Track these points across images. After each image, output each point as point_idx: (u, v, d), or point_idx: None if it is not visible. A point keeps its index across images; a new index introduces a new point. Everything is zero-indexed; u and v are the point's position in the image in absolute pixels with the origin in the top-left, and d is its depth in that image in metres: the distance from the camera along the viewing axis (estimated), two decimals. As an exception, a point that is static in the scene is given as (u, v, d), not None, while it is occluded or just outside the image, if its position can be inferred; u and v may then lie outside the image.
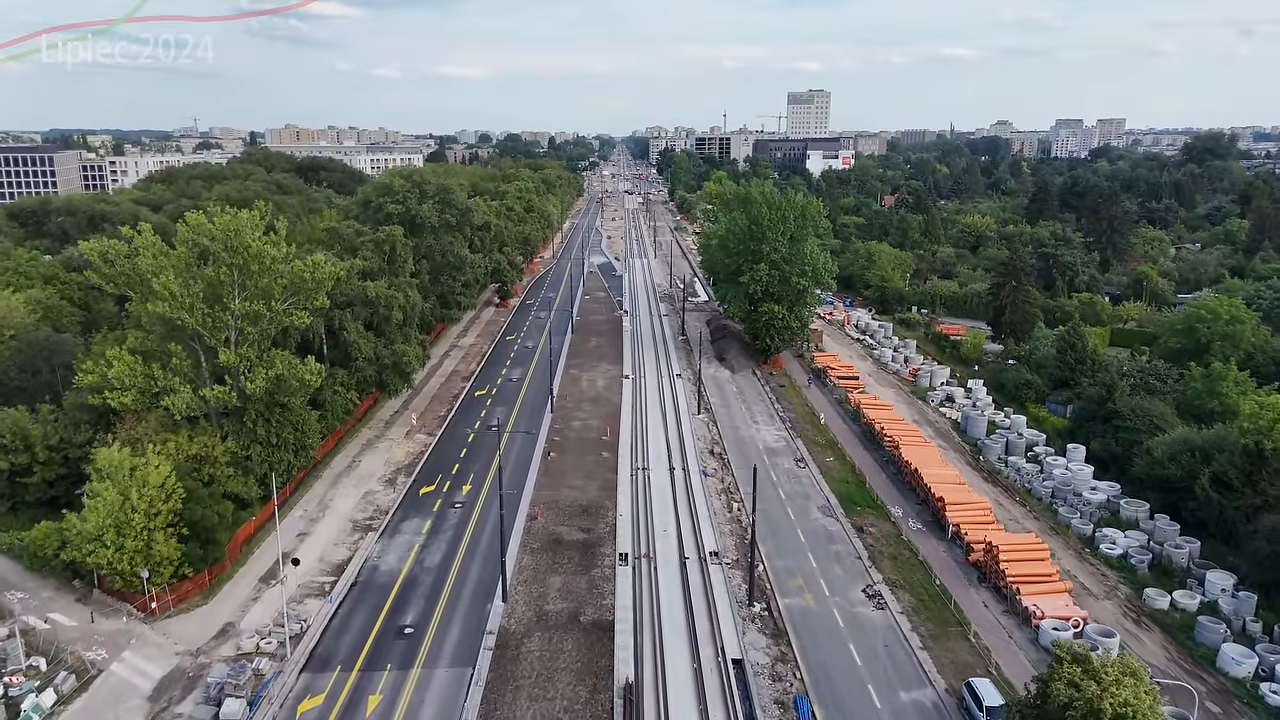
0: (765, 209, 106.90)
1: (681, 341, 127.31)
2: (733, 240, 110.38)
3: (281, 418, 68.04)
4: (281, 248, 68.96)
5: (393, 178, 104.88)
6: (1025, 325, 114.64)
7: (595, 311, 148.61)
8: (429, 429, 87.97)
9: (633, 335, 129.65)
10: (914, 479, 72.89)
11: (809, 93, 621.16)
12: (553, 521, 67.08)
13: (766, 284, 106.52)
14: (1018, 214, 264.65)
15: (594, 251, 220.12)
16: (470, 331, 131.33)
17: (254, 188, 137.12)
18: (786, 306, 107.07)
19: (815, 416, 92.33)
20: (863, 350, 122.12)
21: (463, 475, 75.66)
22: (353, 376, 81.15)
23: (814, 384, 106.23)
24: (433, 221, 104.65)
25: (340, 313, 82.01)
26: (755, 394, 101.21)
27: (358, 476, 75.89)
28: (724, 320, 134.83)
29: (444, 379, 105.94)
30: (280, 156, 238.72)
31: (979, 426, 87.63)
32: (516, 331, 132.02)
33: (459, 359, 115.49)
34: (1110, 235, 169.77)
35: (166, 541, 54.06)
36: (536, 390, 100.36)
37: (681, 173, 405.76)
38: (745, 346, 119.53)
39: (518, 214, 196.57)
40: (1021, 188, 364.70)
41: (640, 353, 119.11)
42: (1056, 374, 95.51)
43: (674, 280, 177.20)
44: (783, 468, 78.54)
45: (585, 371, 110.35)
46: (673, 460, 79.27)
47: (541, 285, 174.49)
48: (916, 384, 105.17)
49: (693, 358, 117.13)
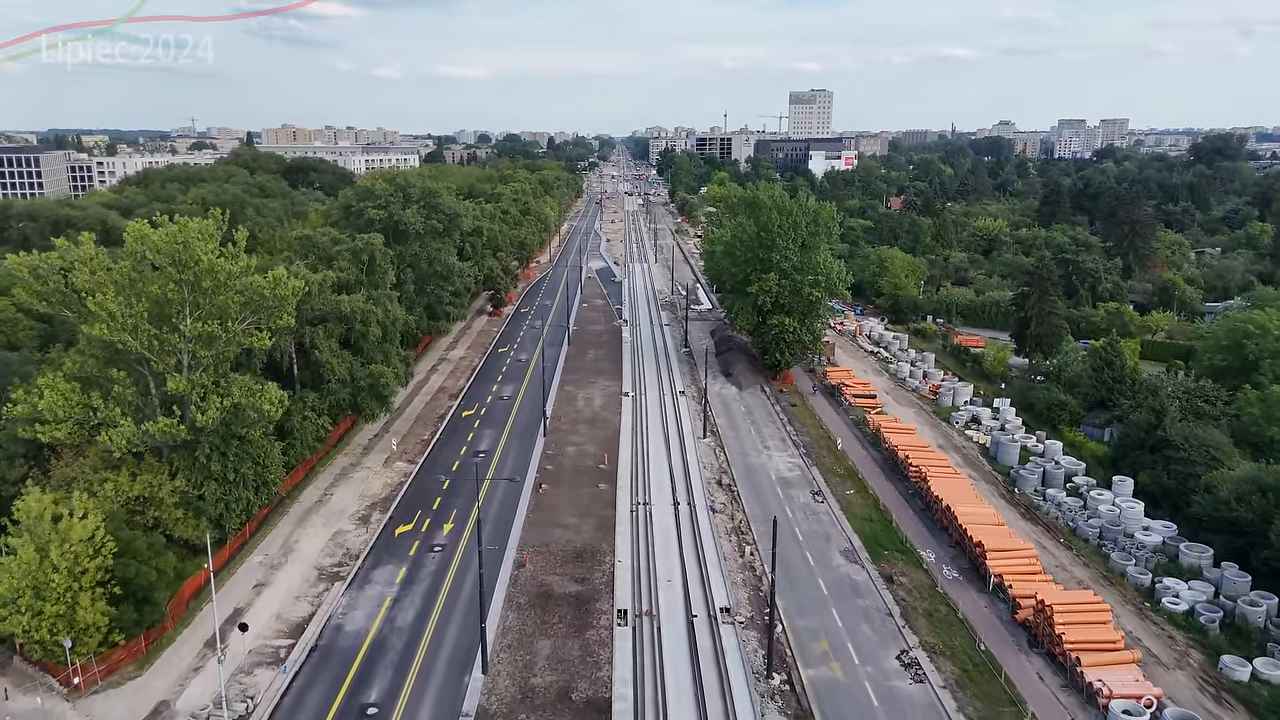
0: (775, 215, 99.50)
1: (685, 354, 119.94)
2: (739, 247, 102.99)
3: (240, 451, 60.74)
4: (240, 260, 61.71)
5: (374, 181, 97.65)
6: (1052, 338, 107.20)
7: (593, 321, 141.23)
8: (410, 456, 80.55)
9: (633, 347, 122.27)
10: (946, 517, 65.49)
11: (811, 92, 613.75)
12: (543, 569, 59.67)
13: (776, 295, 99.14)
14: (1028, 216, 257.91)
15: (592, 256, 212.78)
16: (460, 343, 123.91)
17: (233, 191, 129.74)
18: (798, 319, 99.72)
19: (831, 441, 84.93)
20: (878, 364, 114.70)
21: (444, 512, 68.25)
22: (325, 400, 73.84)
23: (818, 390, 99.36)
24: (417, 227, 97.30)
25: (312, 330, 74.65)
26: (765, 414, 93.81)
27: (328, 513, 68.46)
28: (729, 331, 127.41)
29: (430, 397, 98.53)
30: (269, 157, 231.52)
31: (1011, 453, 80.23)
32: (510, 343, 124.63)
33: (447, 374, 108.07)
34: (1132, 240, 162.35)
35: (94, 605, 46.71)
36: (529, 410, 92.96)
37: (682, 174, 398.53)
38: (752, 360, 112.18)
39: (513, 217, 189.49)
40: (1029, 189, 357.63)
41: (641, 367, 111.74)
42: (1092, 394, 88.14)
43: (675, 287, 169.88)
44: (798, 502, 71.13)
45: (582, 388, 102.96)
46: (677, 493, 71.86)
47: (537, 292, 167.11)
48: (938, 403, 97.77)
49: (697, 373, 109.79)
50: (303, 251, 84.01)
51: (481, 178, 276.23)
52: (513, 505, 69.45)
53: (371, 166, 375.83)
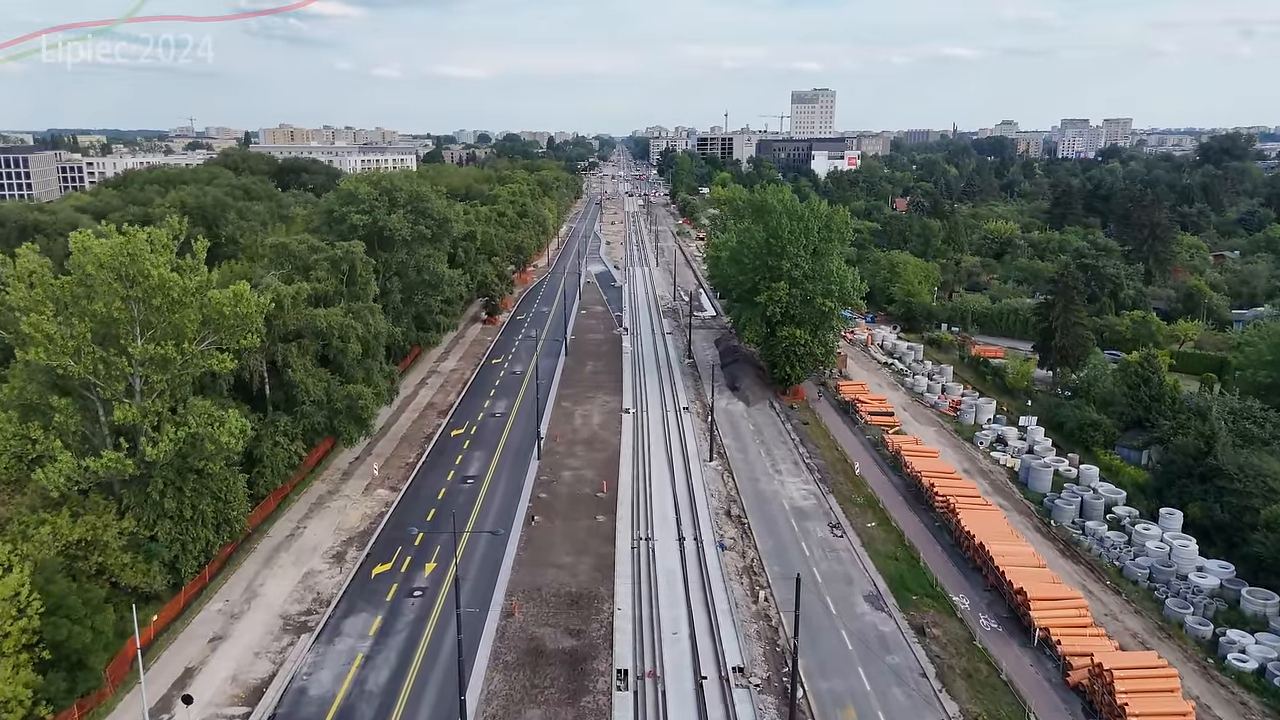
0: (785, 220, 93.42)
1: (688, 365, 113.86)
2: (747, 254, 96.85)
3: (198, 486, 54.74)
4: (199, 274, 55.71)
5: (358, 184, 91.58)
6: (1078, 350, 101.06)
7: (592, 329, 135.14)
8: (393, 482, 74.46)
9: (634, 358, 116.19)
10: (979, 556, 59.41)
11: (813, 91, 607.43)
12: (534, 619, 53.58)
13: (786, 305, 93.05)
14: (1037, 218, 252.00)
15: (592, 259, 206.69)
16: (452, 354, 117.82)
17: (214, 193, 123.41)
18: (809, 331, 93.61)
19: (848, 464, 78.84)
20: (892, 377, 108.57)
21: (427, 548, 62.13)
22: (298, 424, 67.73)
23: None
24: (404, 234, 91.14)
25: (285, 347, 68.58)
26: (775, 433, 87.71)
27: (299, 550, 62.34)
28: (735, 341, 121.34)
29: (417, 414, 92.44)
30: (260, 158, 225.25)
31: (1042, 479, 74.12)
32: (504, 353, 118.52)
33: (436, 388, 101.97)
34: (1152, 244, 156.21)
35: (16, 675, 40.60)
36: (523, 429, 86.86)
37: (683, 174, 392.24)
38: (760, 373, 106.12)
39: (510, 219, 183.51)
40: (1037, 190, 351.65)
41: (642, 379, 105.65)
42: (1127, 413, 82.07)
43: (677, 292, 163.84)
44: (815, 536, 65.03)
45: (580, 404, 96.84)
46: (682, 526, 65.77)
47: (534, 298, 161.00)
48: (959, 421, 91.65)
49: (701, 386, 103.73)
50: (278, 260, 77.92)
51: (480, 178, 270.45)
52: (502, 541, 63.31)
53: (367, 167, 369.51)
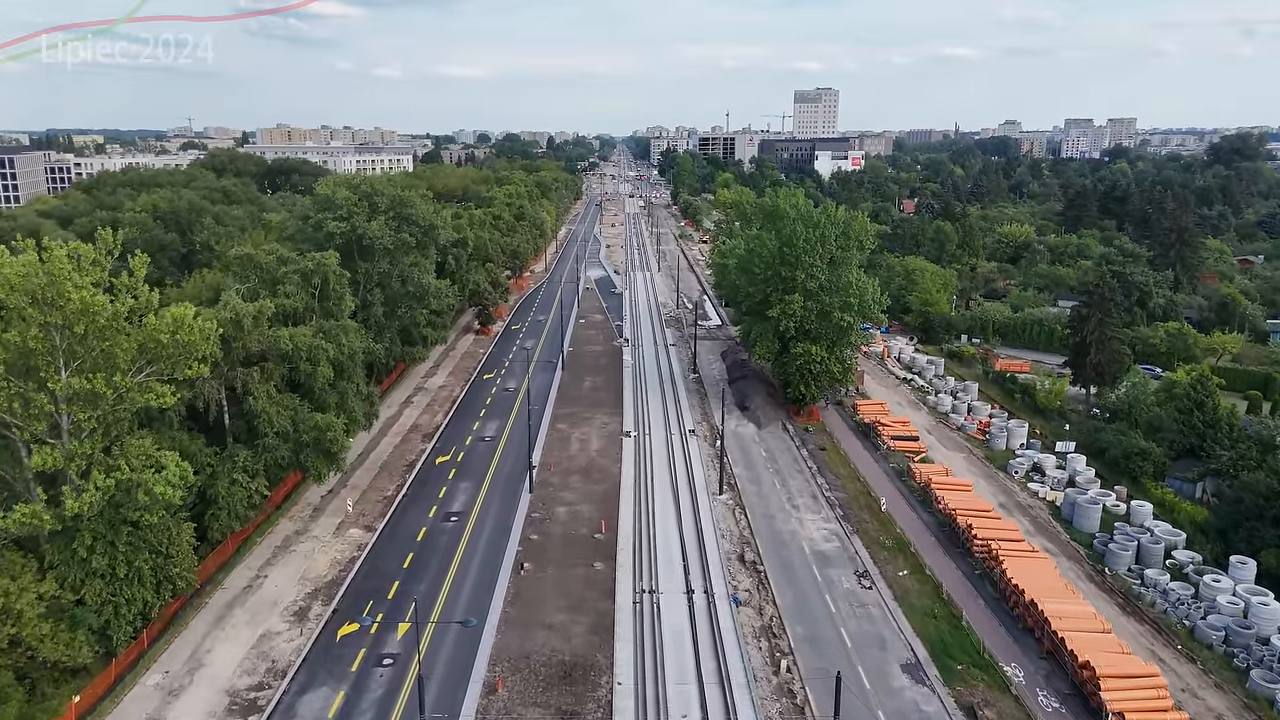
0: (800, 227, 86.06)
1: (693, 381, 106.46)
2: (757, 264, 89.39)
3: (134, 539, 47.53)
4: (135, 294, 48.48)
5: (335, 188, 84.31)
6: (1114, 367, 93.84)
7: (591, 340, 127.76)
8: (369, 519, 67.11)
9: (635, 372, 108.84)
10: (1030, 616, 52.04)
11: (816, 91, 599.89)
12: (520, 697, 46.18)
13: (801, 319, 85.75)
14: (1049, 219, 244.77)
15: (591, 264, 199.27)
16: (441, 368, 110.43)
17: (189, 197, 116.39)
18: (825, 347, 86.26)
19: (872, 499, 71.44)
20: (913, 395, 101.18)
21: (402, 602, 54.79)
22: (259, 459, 60.39)
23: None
24: (385, 242, 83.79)
25: (245, 371, 61.23)
26: (790, 461, 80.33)
27: (257, 605, 54.98)
28: (742, 354, 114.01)
29: (400, 438, 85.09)
30: (248, 158, 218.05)
31: (1090, 517, 66.73)
32: (496, 368, 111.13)
33: (422, 407, 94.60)
34: (1179, 249, 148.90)
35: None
36: (515, 455, 79.51)
37: (685, 175, 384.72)
38: (771, 390, 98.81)
39: (506, 223, 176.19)
40: (1046, 191, 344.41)
41: (644, 397, 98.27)
42: (1179, 440, 74.73)
43: (681, 299, 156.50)
44: (841, 588, 57.64)
45: (577, 426, 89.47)
46: (690, 576, 58.39)
47: (531, 305, 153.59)
48: (989, 445, 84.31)
49: (708, 404, 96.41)
50: (243, 274, 70.61)
51: (477, 179, 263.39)
52: (487, 594, 56.01)
53: (362, 167, 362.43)
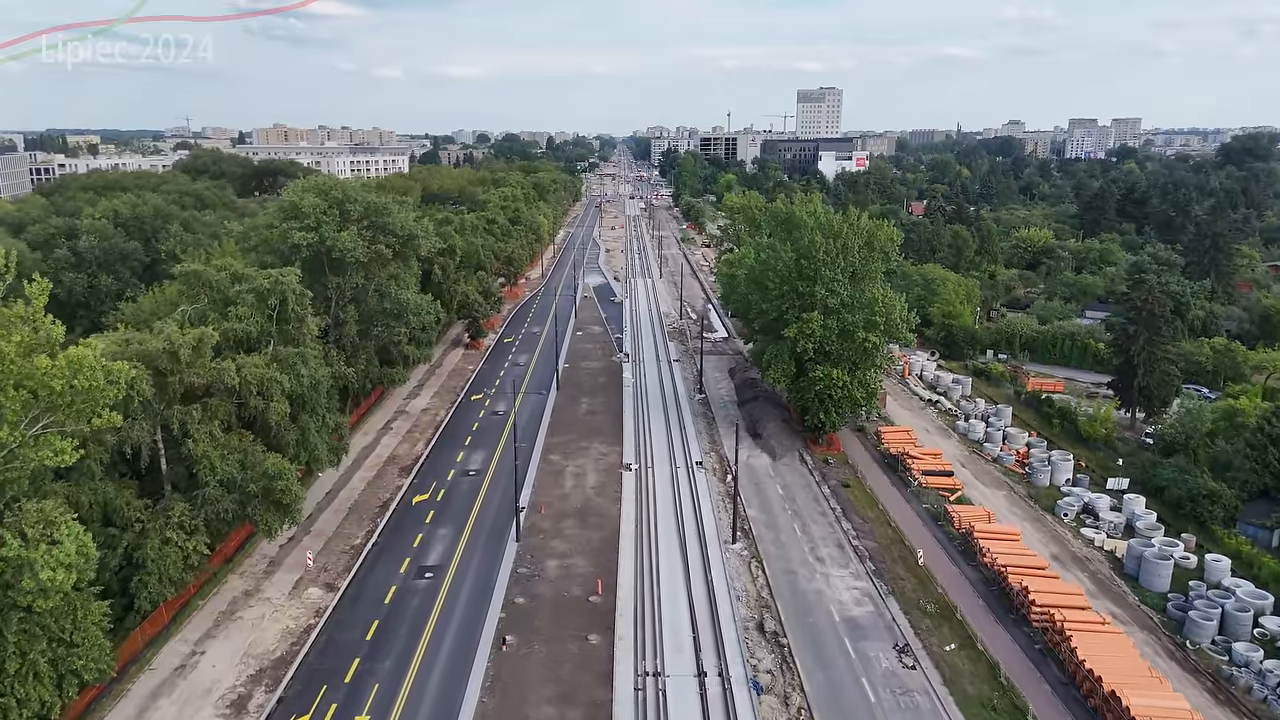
0: (819, 237, 77.46)
1: (700, 402, 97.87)
2: (772, 278, 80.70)
3: (27, 626, 39.01)
4: (40, 328, 40.01)
5: (303, 195, 75.72)
6: (1164, 390, 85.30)
7: (589, 355, 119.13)
8: (332, 575, 58.57)
9: (636, 393, 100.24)
10: (1112, 712, 43.37)
11: (820, 90, 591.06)
12: (496, 826, 37.65)
13: (821, 340, 77.21)
14: (1064, 222, 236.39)
15: (590, 270, 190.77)
16: (426, 388, 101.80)
17: (155, 202, 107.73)
18: (847, 369, 77.70)
19: (907, 549, 62.83)
20: (939, 418, 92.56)
21: (362, 686, 46.26)
22: (199, 512, 51.80)
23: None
24: (358, 254, 75.11)
25: (184, 410, 52.63)
26: (810, 500, 71.70)
27: (188, 694, 46.34)
28: (752, 372, 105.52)
29: (375, 472, 76.50)
30: (233, 159, 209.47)
31: (1159, 574, 58.05)
32: (486, 387, 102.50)
33: (402, 435, 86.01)
34: (1213, 256, 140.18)
35: None
36: (502, 494, 70.91)
37: (687, 176, 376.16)
38: (786, 414, 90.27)
39: (501, 227, 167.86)
40: (1057, 192, 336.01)
41: (646, 422, 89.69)
42: (1252, 480, 66.11)
43: (684, 309, 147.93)
44: (879, 667, 49.01)
45: (571, 457, 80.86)
46: (701, 652, 49.73)
47: (525, 315, 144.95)
48: (1031, 481, 75.68)
49: (716, 431, 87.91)
50: (191, 293, 62.00)
51: (473, 180, 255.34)
52: (461, 676, 47.43)
53: (357, 169, 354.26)
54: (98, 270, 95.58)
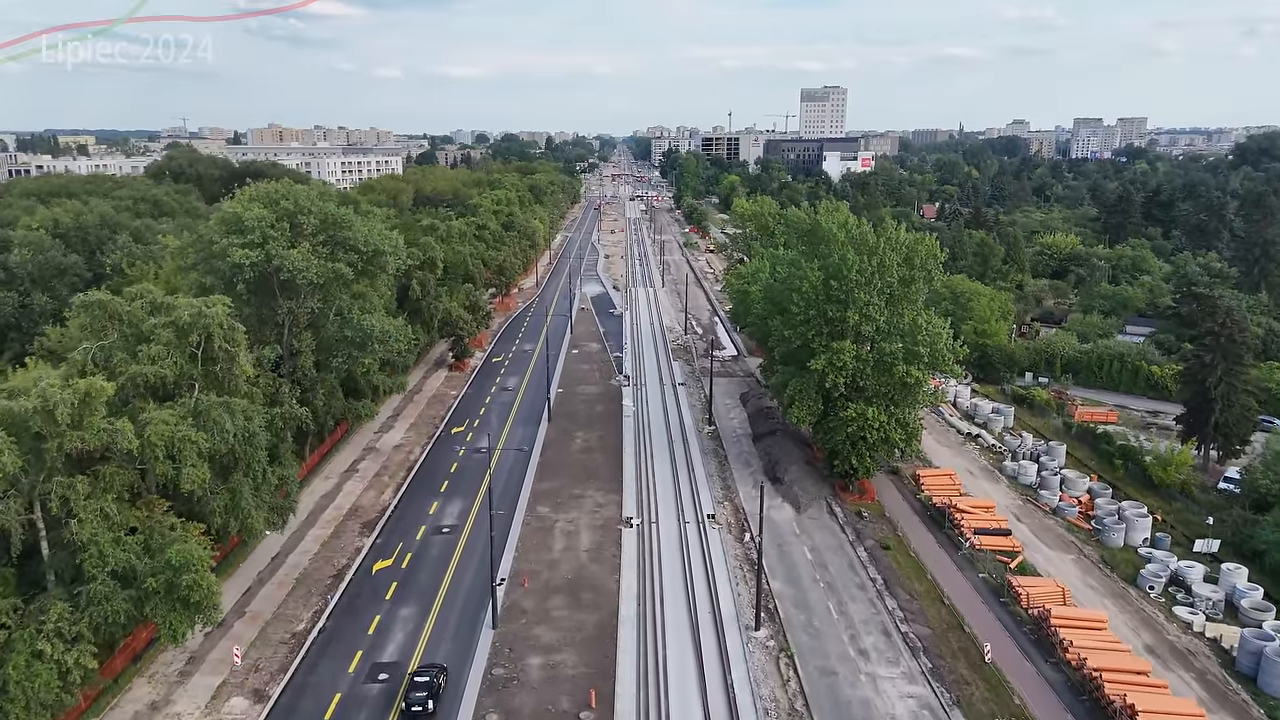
0: (851, 254, 66.33)
1: (709, 435, 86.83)
2: (796, 300, 69.27)
3: None
4: None
5: (248, 205, 64.68)
6: (1243, 427, 74.39)
7: (585, 377, 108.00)
8: (264, 676, 47.51)
9: (637, 424, 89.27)
10: None
11: (824, 89, 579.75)
12: None
13: (854, 373, 66.18)
14: (1083, 225, 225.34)
15: (588, 278, 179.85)
16: (401, 419, 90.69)
17: (102, 209, 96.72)
18: (883, 408, 66.64)
19: (968, 637, 51.69)
20: (984, 457, 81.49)
21: None
22: (82, 615, 40.73)
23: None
24: (311, 275, 63.96)
25: (64, 482, 41.56)
26: (845, 567, 60.59)
27: None
28: (766, 399, 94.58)
29: (332, 528, 65.41)
30: (210, 161, 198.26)
31: (1284, 675, 47.04)
32: (469, 417, 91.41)
33: (369, 479, 74.93)
34: (1264, 265, 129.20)
35: None
36: (479, 559, 59.73)
37: (689, 177, 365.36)
38: (807, 451, 79.30)
39: (493, 233, 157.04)
40: (1073, 194, 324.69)
41: (649, 463, 78.65)
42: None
43: (689, 321, 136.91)
44: (953, 823, 37.93)
45: (563, 509, 69.74)
46: (723, 799, 38.70)
47: (517, 330, 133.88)
48: (1101, 539, 64.50)
49: (730, 474, 76.91)
50: (95, 328, 50.90)
51: (468, 181, 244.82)
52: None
53: (348, 170, 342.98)
54: (31, 288, 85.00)
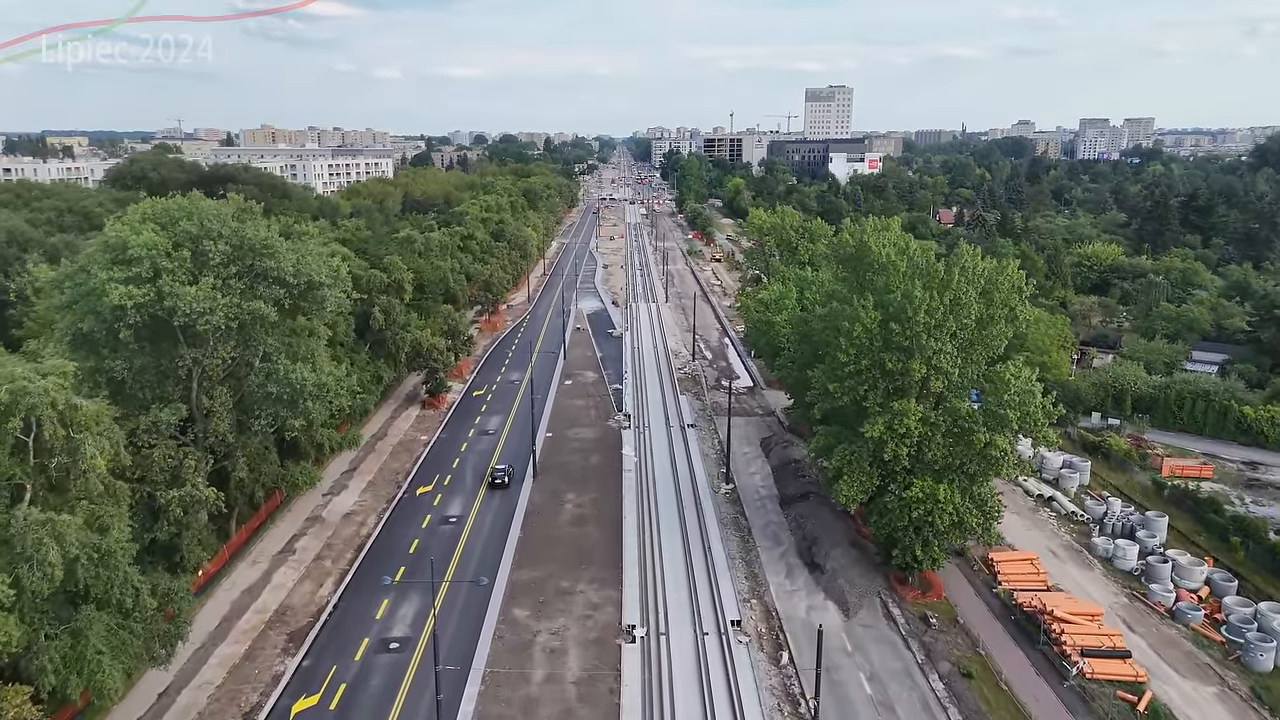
0: (916, 288, 51.46)
1: (728, 498, 72.02)
2: (845, 346, 54.15)
3: None
4: None
5: (136, 228, 49.89)
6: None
7: (579, 417, 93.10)
8: None
9: (640, 481, 74.46)
10: None
11: (829, 89, 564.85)
12: None
13: (920, 442, 51.41)
14: (1112, 232, 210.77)
15: (584, 291, 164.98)
16: (358, 474, 75.76)
17: (13, 224, 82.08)
18: (957, 485, 51.87)
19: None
20: (1064, 529, 66.64)
21: None
22: None
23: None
24: (218, 319, 49.20)
25: None
26: (918, 710, 45.67)
27: None
28: (793, 448, 79.94)
29: (247, 645, 50.46)
30: (176, 164, 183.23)
31: None
32: (439, 472, 76.48)
33: (307, 563, 59.97)
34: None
35: None
36: (432, 697, 44.85)
37: (691, 179, 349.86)
38: (848, 522, 64.51)
39: (481, 243, 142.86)
40: (1095, 198, 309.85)
41: (655, 538, 63.76)
42: None
43: (696, 344, 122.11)
44: None
45: (545, 613, 54.76)
46: None
47: (503, 356, 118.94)
48: (1244, 660, 49.71)
49: (755, 556, 62.14)
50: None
51: (461, 184, 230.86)
52: None
53: (336, 173, 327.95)
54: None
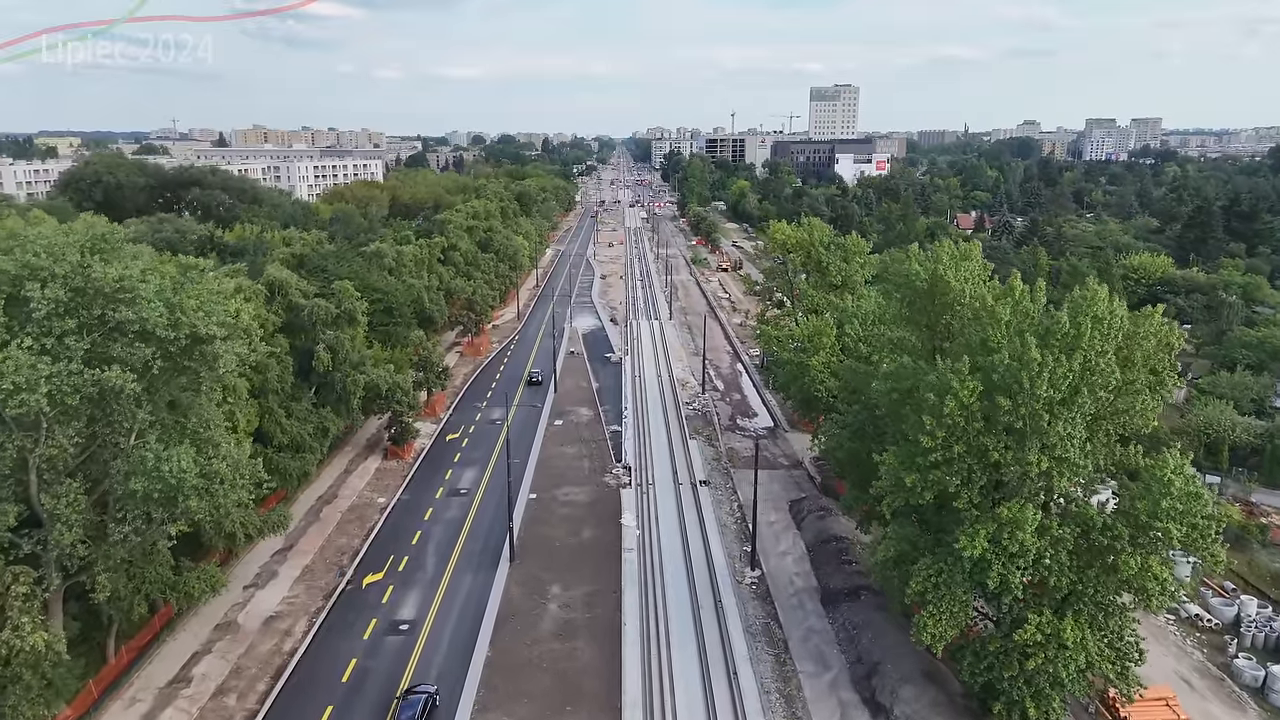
0: (1030, 344, 36.65)
1: (754, 590, 57.18)
2: (930, 423, 38.95)
3: None
4: None
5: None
6: None
7: (569, 471, 78.08)
8: None
9: (643, 567, 59.59)
10: None
11: (834, 88, 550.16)
12: None
13: (1037, 560, 36.63)
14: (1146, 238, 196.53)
15: (580, 307, 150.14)
16: (291, 557, 60.64)
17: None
18: (1086, 622, 37.12)
19: None
20: (1191, 641, 51.92)
21: None
22: None
23: None
24: (33, 400, 34.41)
25: None
26: None
27: None
28: (831, 518, 65.20)
29: None
30: (137, 168, 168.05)
31: None
32: (393, 552, 61.43)
33: (199, 706, 45.02)
34: None
35: None
36: None
37: (694, 182, 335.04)
38: (919, 650, 49.63)
39: (466, 255, 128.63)
40: (1119, 201, 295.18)
41: (663, 660, 48.95)
42: None
43: (706, 372, 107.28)
44: None
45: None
46: None
47: (486, 387, 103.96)
48: None
49: (793, 682, 47.32)
50: None
51: (452, 187, 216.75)
52: None
53: (322, 175, 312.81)
54: None
